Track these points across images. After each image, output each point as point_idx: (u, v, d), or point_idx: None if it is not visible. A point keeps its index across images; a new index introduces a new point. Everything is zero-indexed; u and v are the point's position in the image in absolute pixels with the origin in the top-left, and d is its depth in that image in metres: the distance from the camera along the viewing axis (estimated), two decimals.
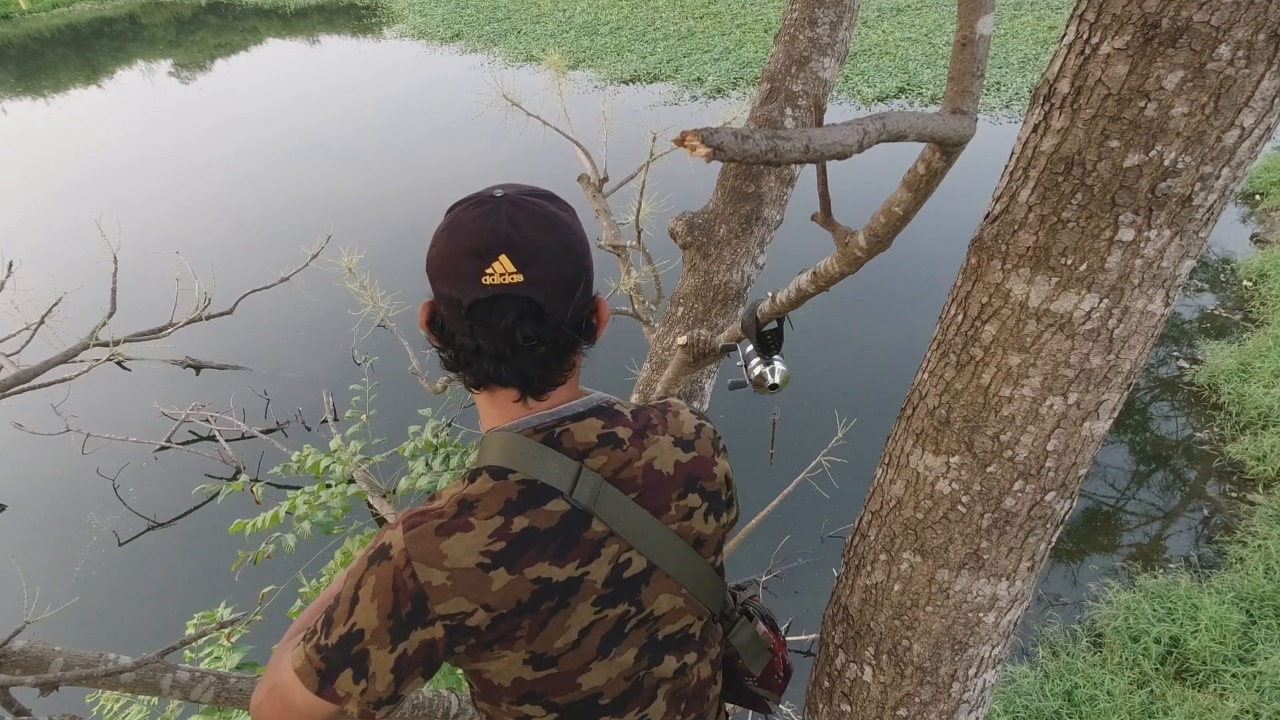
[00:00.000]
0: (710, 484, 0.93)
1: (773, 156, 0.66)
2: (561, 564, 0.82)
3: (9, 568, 4.31)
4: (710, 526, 0.93)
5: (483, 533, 0.79)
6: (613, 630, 0.87)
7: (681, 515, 0.90)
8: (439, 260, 0.80)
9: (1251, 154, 0.78)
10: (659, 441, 0.89)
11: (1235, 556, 3.84)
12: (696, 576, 0.92)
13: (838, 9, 1.87)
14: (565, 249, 0.80)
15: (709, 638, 1.00)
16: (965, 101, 0.80)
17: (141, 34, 17.58)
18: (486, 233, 0.77)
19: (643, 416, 0.91)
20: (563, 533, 0.82)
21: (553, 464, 0.82)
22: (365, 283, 2.99)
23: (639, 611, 0.89)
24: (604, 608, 0.85)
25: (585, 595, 0.84)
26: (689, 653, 0.96)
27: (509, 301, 0.78)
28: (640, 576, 0.88)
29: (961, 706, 1.11)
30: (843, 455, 3.22)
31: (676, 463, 0.89)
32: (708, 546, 0.94)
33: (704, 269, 2.00)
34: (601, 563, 0.84)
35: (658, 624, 0.91)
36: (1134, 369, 0.90)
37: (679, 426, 0.92)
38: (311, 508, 2.38)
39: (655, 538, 0.87)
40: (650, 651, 0.91)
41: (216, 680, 1.35)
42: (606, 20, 13.79)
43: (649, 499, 0.87)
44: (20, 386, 1.90)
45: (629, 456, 0.86)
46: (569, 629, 0.84)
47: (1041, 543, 1.01)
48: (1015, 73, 9.99)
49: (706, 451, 0.93)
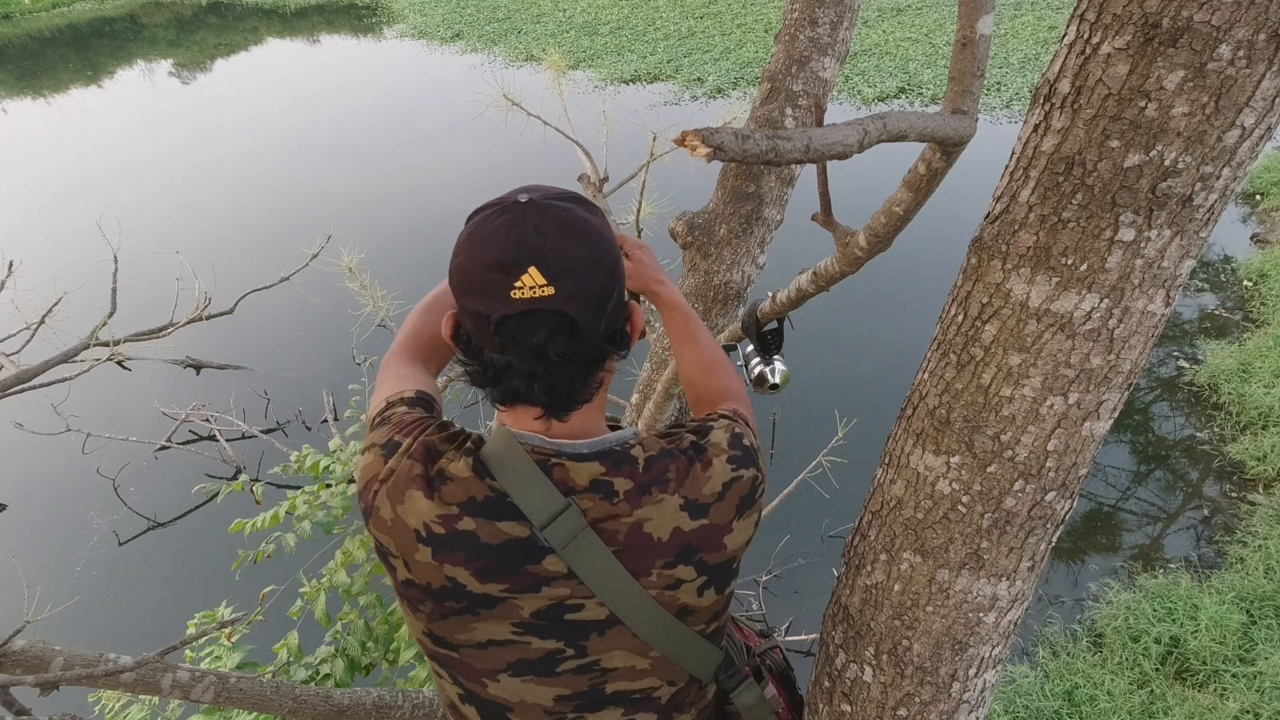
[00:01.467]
0: (714, 556, 0.83)
1: (773, 156, 0.66)
2: (482, 582, 0.78)
3: (9, 568, 4.31)
4: (705, 600, 0.85)
5: (434, 510, 0.78)
6: (537, 661, 0.82)
7: (665, 584, 0.81)
8: (462, 273, 0.76)
9: (1252, 154, 0.78)
10: (662, 502, 0.80)
11: (1235, 556, 3.84)
12: (677, 644, 0.85)
13: (838, 8, 1.87)
14: (597, 258, 0.76)
15: (682, 702, 0.93)
16: (966, 101, 0.80)
17: (142, 34, 17.58)
18: (513, 243, 0.73)
19: (657, 468, 0.81)
20: (499, 555, 0.78)
21: (536, 493, 0.77)
22: (365, 282, 2.99)
23: (579, 656, 0.83)
24: (528, 634, 0.81)
25: (504, 615, 0.80)
26: (644, 712, 0.89)
27: (541, 317, 0.73)
28: (592, 625, 0.82)
29: (962, 706, 1.11)
30: (843, 455, 3.22)
31: (675, 530, 0.80)
32: (697, 617, 0.86)
33: (704, 269, 2.00)
34: (538, 598, 0.80)
35: (606, 677, 0.85)
36: (1134, 369, 0.90)
37: (699, 486, 0.82)
38: (312, 507, 2.38)
39: (628, 598, 0.80)
40: (587, 700, 0.85)
41: (217, 680, 1.35)
42: (607, 20, 13.79)
43: (628, 560, 0.80)
44: (20, 386, 1.90)
45: (616, 512, 0.78)
46: (473, 632, 0.81)
47: (1042, 543, 1.01)
48: (1015, 72, 9.99)
49: (723, 519, 0.83)
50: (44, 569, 4.46)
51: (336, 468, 2.52)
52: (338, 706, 1.40)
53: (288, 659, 2.21)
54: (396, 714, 1.46)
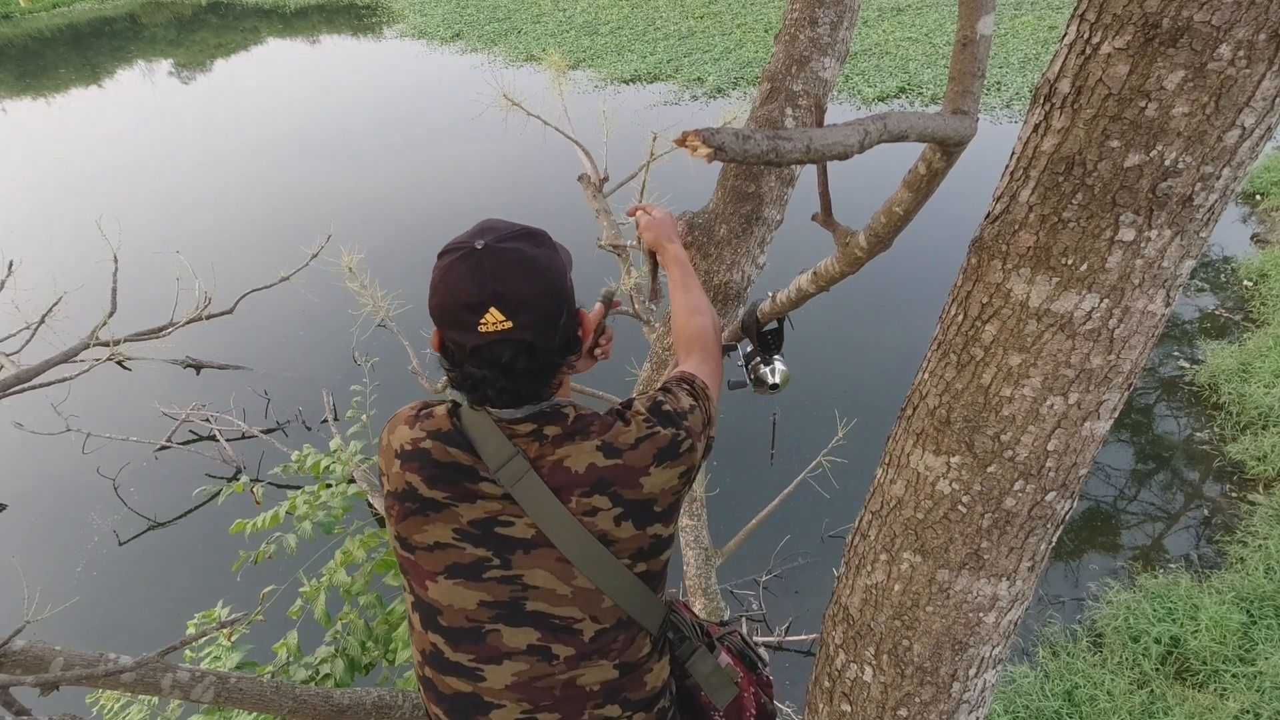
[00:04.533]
0: (630, 492, 0.97)
1: (774, 157, 0.66)
2: (429, 487, 0.98)
3: (9, 568, 4.31)
4: (624, 531, 0.97)
5: (411, 434, 1.00)
6: (468, 566, 0.97)
7: (583, 511, 0.96)
8: (440, 311, 0.95)
9: (1252, 154, 0.78)
10: (582, 444, 0.98)
11: (1235, 556, 3.84)
12: (605, 576, 0.97)
13: (838, 9, 1.87)
14: (546, 290, 0.94)
15: (609, 647, 0.98)
16: (966, 101, 0.80)
17: (142, 34, 17.58)
18: (476, 288, 0.91)
19: (583, 422, 1.00)
20: (444, 470, 0.98)
21: (492, 443, 0.97)
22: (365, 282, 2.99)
23: (504, 567, 0.97)
24: (464, 541, 0.97)
25: (447, 520, 0.97)
26: (562, 644, 0.97)
27: (504, 345, 0.93)
28: (519, 542, 0.97)
29: (962, 706, 1.11)
30: (843, 455, 3.22)
31: (590, 465, 0.97)
32: (618, 548, 0.98)
33: (704, 269, 2.00)
34: (474, 508, 0.97)
35: (527, 593, 0.97)
36: (1134, 369, 0.90)
37: (616, 435, 0.99)
38: (312, 507, 2.37)
39: (554, 517, 0.96)
40: (506, 610, 0.97)
41: (217, 680, 1.35)
42: (607, 20, 13.79)
43: (552, 489, 0.97)
44: (20, 386, 1.90)
45: (544, 451, 0.97)
46: (425, 532, 0.98)
47: (1042, 543, 1.01)
48: (1016, 72, 9.99)
49: (639, 462, 0.98)
50: (44, 569, 4.46)
51: (336, 468, 2.52)
52: (338, 706, 1.40)
53: (287, 659, 2.21)
54: (396, 714, 1.45)
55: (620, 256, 2.71)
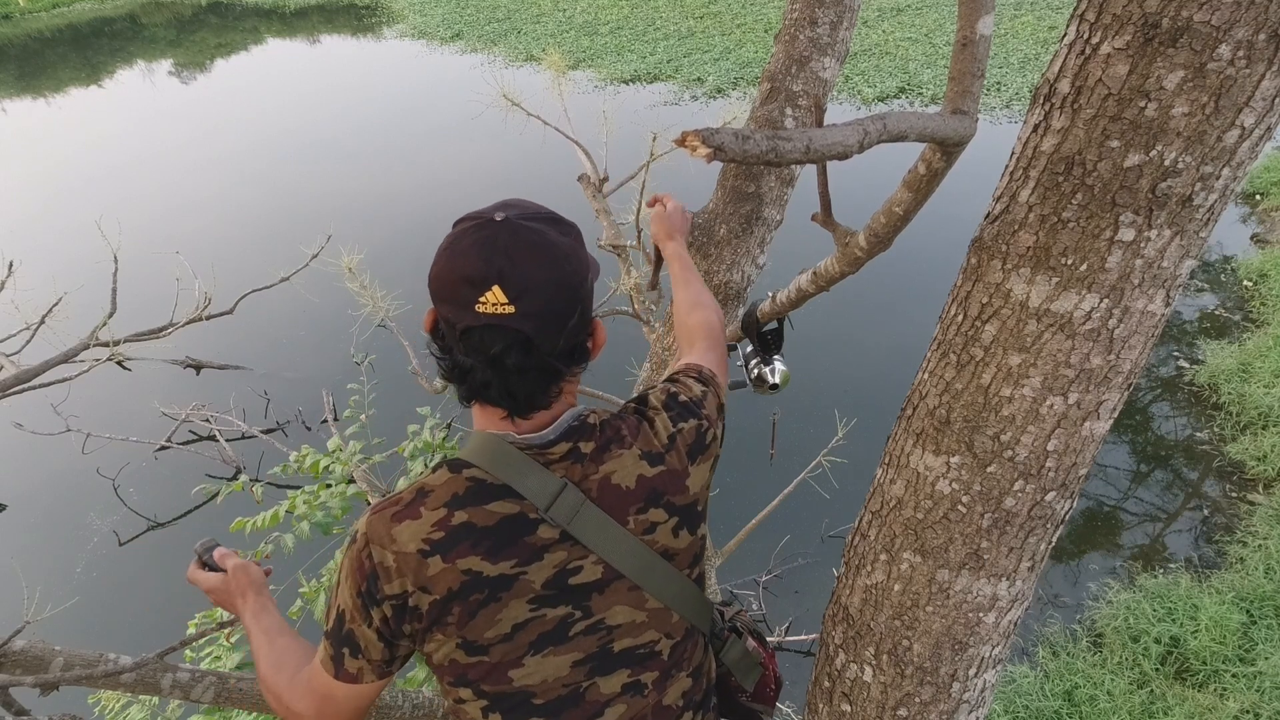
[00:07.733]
0: (680, 498, 0.92)
1: (773, 157, 0.66)
2: (494, 561, 0.84)
3: (9, 568, 4.31)
4: (682, 541, 0.93)
5: (427, 522, 0.84)
6: (553, 631, 0.88)
7: (642, 529, 0.90)
8: (438, 281, 0.84)
9: (1252, 154, 0.78)
10: (622, 456, 0.90)
11: (1235, 556, 3.84)
12: (672, 591, 0.92)
13: (838, 9, 1.87)
14: (560, 282, 0.83)
15: (682, 659, 0.96)
16: (966, 101, 0.80)
17: (142, 34, 17.57)
18: (482, 261, 0.80)
19: (611, 429, 0.91)
20: (500, 533, 0.85)
21: (533, 478, 0.86)
22: (365, 282, 2.98)
23: (586, 616, 0.89)
24: (542, 607, 0.87)
25: (519, 593, 0.86)
26: (649, 671, 0.93)
27: (499, 331, 0.81)
28: (592, 585, 0.88)
29: (962, 706, 1.11)
30: (843, 455, 3.22)
31: (640, 477, 0.90)
32: (679, 560, 0.93)
33: (704, 269, 2.00)
34: (543, 566, 0.86)
35: (612, 635, 0.90)
36: (1134, 369, 0.90)
37: (649, 439, 0.92)
38: (311, 507, 2.37)
39: (619, 544, 0.88)
40: (597, 661, 0.90)
41: (216, 680, 1.35)
42: (606, 20, 13.78)
43: (605, 512, 0.88)
44: (20, 386, 1.90)
45: (586, 471, 0.88)
46: (500, 622, 0.86)
47: (1042, 543, 1.01)
48: (1015, 73, 9.99)
49: (678, 464, 0.92)
50: (44, 569, 4.45)
51: (336, 468, 2.52)
52: None
53: None
54: (396, 714, 1.46)
55: (620, 256, 2.70)
